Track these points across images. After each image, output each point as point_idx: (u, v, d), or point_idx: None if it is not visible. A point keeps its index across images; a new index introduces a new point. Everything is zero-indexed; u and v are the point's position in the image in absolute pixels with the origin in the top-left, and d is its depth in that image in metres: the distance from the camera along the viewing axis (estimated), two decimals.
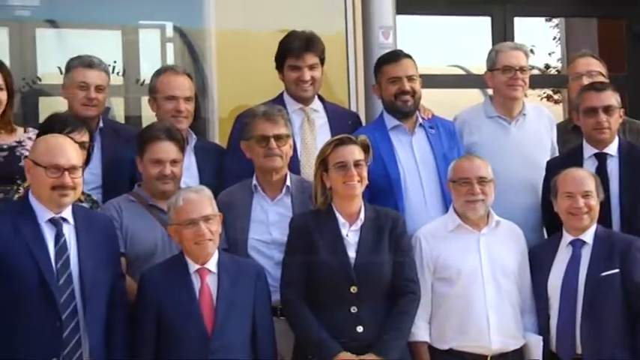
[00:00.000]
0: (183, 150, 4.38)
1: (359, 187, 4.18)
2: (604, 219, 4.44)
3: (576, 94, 4.91)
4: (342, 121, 4.88)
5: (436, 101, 5.14)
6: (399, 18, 5.66)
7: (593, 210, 4.33)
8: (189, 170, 4.55)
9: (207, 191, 4.06)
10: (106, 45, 5.90)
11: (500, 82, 4.92)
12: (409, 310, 4.16)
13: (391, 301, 4.15)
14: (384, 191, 4.58)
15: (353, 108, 5.73)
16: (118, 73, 5.78)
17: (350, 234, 4.18)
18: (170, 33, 6.16)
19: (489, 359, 4.27)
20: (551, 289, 4.33)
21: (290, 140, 4.43)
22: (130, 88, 5.93)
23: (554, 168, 4.60)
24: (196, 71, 5.87)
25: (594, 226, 4.36)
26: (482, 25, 7.02)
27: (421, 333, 4.27)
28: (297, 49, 4.79)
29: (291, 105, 4.80)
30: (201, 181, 4.50)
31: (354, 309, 4.08)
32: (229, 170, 4.62)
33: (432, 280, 4.31)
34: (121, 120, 5.81)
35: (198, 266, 3.96)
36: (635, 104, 6.29)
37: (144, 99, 5.34)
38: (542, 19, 8.62)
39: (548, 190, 4.51)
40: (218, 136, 5.67)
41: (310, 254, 4.13)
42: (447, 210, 4.49)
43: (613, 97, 4.68)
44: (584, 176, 4.38)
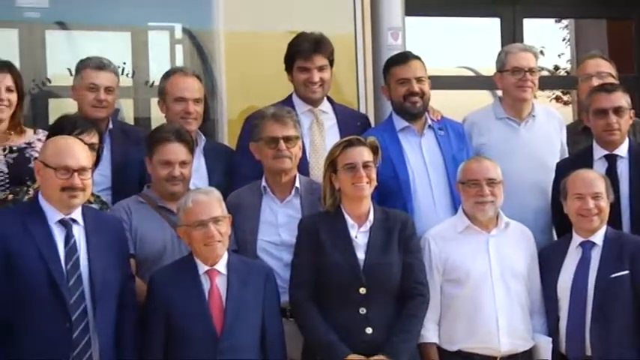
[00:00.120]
0: (192, 151, 4.39)
1: (368, 189, 4.18)
2: (614, 220, 4.43)
3: (586, 95, 4.90)
4: (351, 123, 4.87)
5: (445, 103, 5.14)
6: (407, 19, 5.65)
7: (603, 211, 4.32)
8: (198, 172, 4.56)
9: (216, 193, 4.06)
10: (116, 47, 5.92)
11: (510, 83, 4.92)
12: (418, 313, 4.16)
13: (400, 303, 4.14)
14: (393, 193, 4.57)
15: (362, 109, 5.73)
16: (127, 74, 5.80)
17: (359, 235, 4.18)
18: (179, 34, 6.17)
19: None
20: (561, 290, 4.32)
21: (299, 142, 4.43)
22: (140, 89, 5.95)
23: (564, 169, 4.59)
24: (205, 73, 5.88)
25: (604, 228, 4.35)
26: (492, 27, 7.02)
27: (430, 334, 4.26)
28: (306, 50, 4.79)
29: (300, 106, 4.80)
30: (211, 183, 4.50)
31: (362, 310, 4.08)
32: (238, 172, 4.63)
33: (441, 282, 4.30)
34: (131, 121, 5.82)
35: (207, 267, 3.97)
36: None
37: (153, 100, 5.35)
38: (552, 20, 8.59)
39: (557, 192, 4.50)
40: (227, 138, 5.68)
41: (319, 256, 4.13)
42: (456, 211, 4.48)
43: (623, 99, 4.67)
44: (594, 178, 4.37)
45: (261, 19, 5.86)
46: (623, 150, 4.66)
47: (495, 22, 7.00)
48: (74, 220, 3.82)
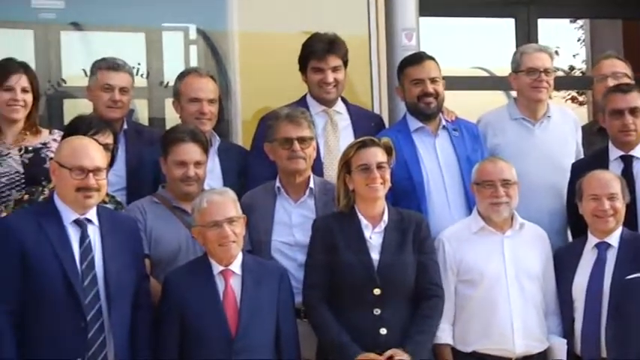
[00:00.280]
0: (207, 152, 4.39)
1: (382, 190, 4.18)
2: (630, 221, 4.41)
3: (602, 95, 4.89)
4: (366, 123, 4.87)
5: (460, 103, 5.13)
6: (422, 20, 5.64)
7: (618, 212, 4.31)
8: (212, 172, 4.56)
9: (230, 193, 4.07)
10: (130, 47, 5.93)
11: (525, 83, 4.90)
12: (434, 313, 4.16)
13: (414, 304, 4.14)
14: (407, 193, 4.57)
15: (376, 110, 5.72)
16: (142, 75, 5.80)
17: (373, 236, 4.18)
18: (193, 35, 6.18)
19: None
20: (576, 292, 4.31)
21: (313, 142, 4.43)
22: (154, 90, 5.96)
23: (579, 170, 4.57)
24: (220, 73, 5.88)
25: (620, 229, 4.34)
26: (506, 27, 7.00)
27: (444, 335, 4.25)
28: (320, 51, 4.79)
29: (315, 107, 4.80)
30: (225, 183, 4.51)
31: (377, 311, 4.07)
32: (253, 172, 4.63)
33: (456, 283, 4.30)
34: (145, 122, 5.82)
35: (222, 268, 3.97)
36: None
37: (168, 101, 5.36)
38: (567, 20, 8.57)
39: (573, 193, 4.48)
40: (241, 138, 5.68)
41: (333, 256, 4.12)
42: (470, 212, 4.48)
43: (639, 99, 4.65)
44: (609, 178, 4.35)
45: (276, 19, 5.86)
46: (638, 151, 4.64)
47: (510, 22, 6.97)
48: (89, 220, 3.83)
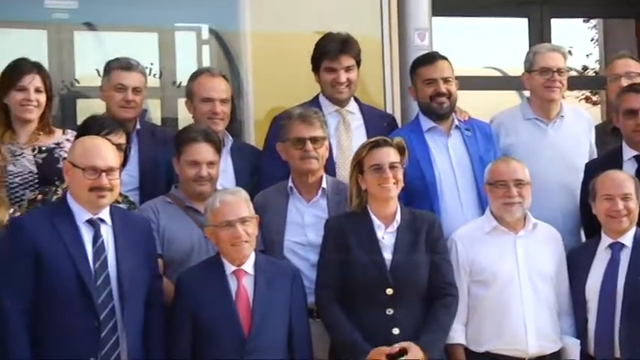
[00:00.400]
0: (219, 152, 4.40)
1: (394, 190, 4.17)
2: None
3: (615, 95, 4.88)
4: (378, 123, 4.87)
5: (473, 103, 5.12)
6: (434, 20, 5.63)
7: (632, 213, 4.29)
8: (225, 172, 4.57)
9: (243, 193, 4.07)
10: (143, 47, 5.95)
11: (538, 83, 4.89)
12: (448, 311, 4.15)
13: (427, 304, 4.13)
14: (419, 193, 4.56)
15: (389, 110, 5.71)
16: (154, 75, 5.82)
17: (386, 236, 4.17)
18: (206, 35, 6.20)
19: None
20: (590, 292, 4.29)
21: (326, 142, 4.43)
22: (167, 90, 5.97)
23: (592, 170, 4.55)
24: (232, 73, 5.89)
25: (634, 229, 4.32)
26: (519, 27, 6.99)
27: (457, 335, 4.24)
28: (333, 51, 4.79)
29: (327, 107, 4.80)
30: (238, 183, 4.51)
31: (389, 311, 4.07)
32: (265, 172, 4.63)
33: (468, 283, 4.28)
34: (158, 122, 5.84)
35: (234, 268, 3.97)
36: None
37: (180, 101, 5.37)
38: (580, 20, 8.56)
39: (586, 193, 4.47)
40: (254, 138, 5.68)
41: (345, 256, 4.12)
42: (482, 212, 4.46)
43: None
44: (623, 178, 4.34)
45: (288, 19, 5.86)
46: None
47: (523, 22, 6.96)
48: (102, 220, 3.84)
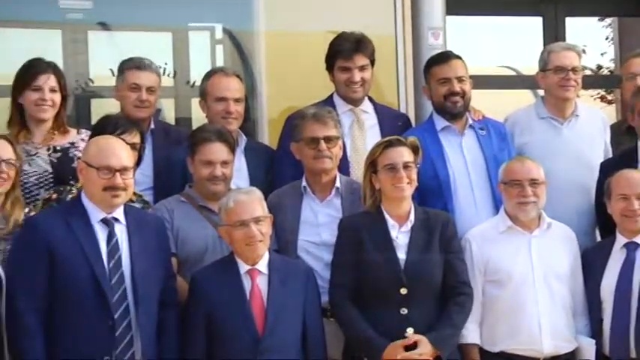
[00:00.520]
0: (233, 151, 4.41)
1: (408, 189, 4.16)
2: None
3: (631, 94, 4.86)
4: (392, 123, 4.87)
5: (487, 102, 5.10)
6: (448, 19, 5.63)
7: None
8: (239, 171, 4.57)
9: (257, 192, 4.07)
10: (157, 47, 5.96)
11: (553, 82, 4.87)
12: (461, 310, 4.14)
13: (442, 303, 4.12)
14: (433, 193, 4.55)
15: (402, 109, 5.70)
16: (168, 74, 5.83)
17: (400, 235, 4.16)
18: (220, 35, 6.20)
19: None
20: (605, 292, 4.27)
21: (340, 142, 4.43)
22: (181, 89, 5.98)
23: (608, 169, 4.54)
24: (246, 73, 5.88)
25: None
26: (534, 25, 6.96)
27: (472, 335, 4.24)
28: (347, 50, 4.80)
29: (341, 106, 4.80)
30: (252, 183, 4.52)
31: (404, 310, 4.06)
32: (279, 171, 4.64)
33: (483, 283, 4.27)
34: (172, 121, 5.85)
35: (248, 267, 3.98)
36: None
37: (194, 100, 5.37)
38: (595, 18, 8.50)
39: (601, 192, 4.45)
40: (268, 138, 5.68)
41: (359, 256, 4.12)
42: (497, 212, 4.45)
43: None
44: (639, 178, 4.32)
45: (302, 19, 5.86)
46: None
47: (537, 20, 6.94)
48: (116, 219, 3.85)
